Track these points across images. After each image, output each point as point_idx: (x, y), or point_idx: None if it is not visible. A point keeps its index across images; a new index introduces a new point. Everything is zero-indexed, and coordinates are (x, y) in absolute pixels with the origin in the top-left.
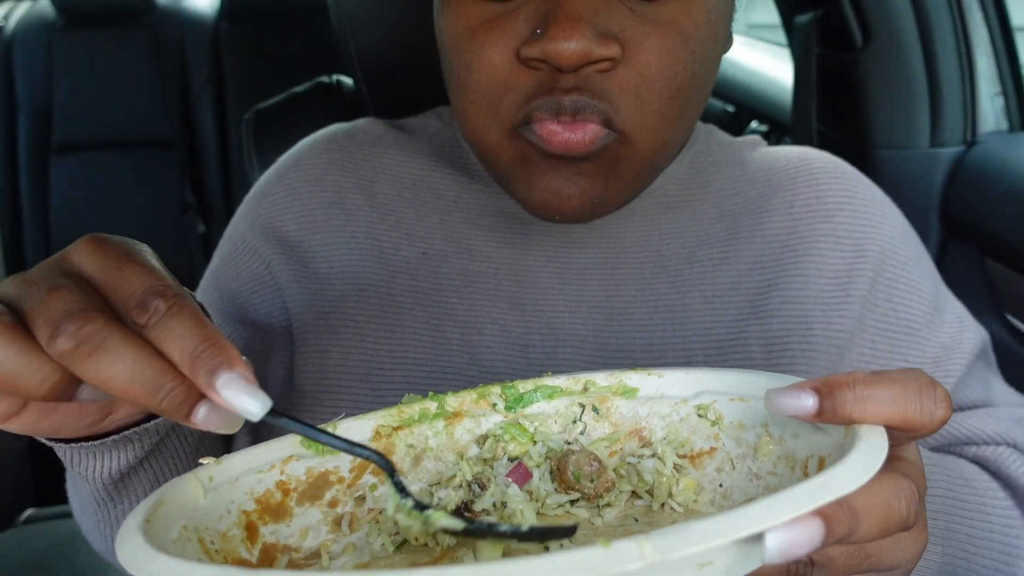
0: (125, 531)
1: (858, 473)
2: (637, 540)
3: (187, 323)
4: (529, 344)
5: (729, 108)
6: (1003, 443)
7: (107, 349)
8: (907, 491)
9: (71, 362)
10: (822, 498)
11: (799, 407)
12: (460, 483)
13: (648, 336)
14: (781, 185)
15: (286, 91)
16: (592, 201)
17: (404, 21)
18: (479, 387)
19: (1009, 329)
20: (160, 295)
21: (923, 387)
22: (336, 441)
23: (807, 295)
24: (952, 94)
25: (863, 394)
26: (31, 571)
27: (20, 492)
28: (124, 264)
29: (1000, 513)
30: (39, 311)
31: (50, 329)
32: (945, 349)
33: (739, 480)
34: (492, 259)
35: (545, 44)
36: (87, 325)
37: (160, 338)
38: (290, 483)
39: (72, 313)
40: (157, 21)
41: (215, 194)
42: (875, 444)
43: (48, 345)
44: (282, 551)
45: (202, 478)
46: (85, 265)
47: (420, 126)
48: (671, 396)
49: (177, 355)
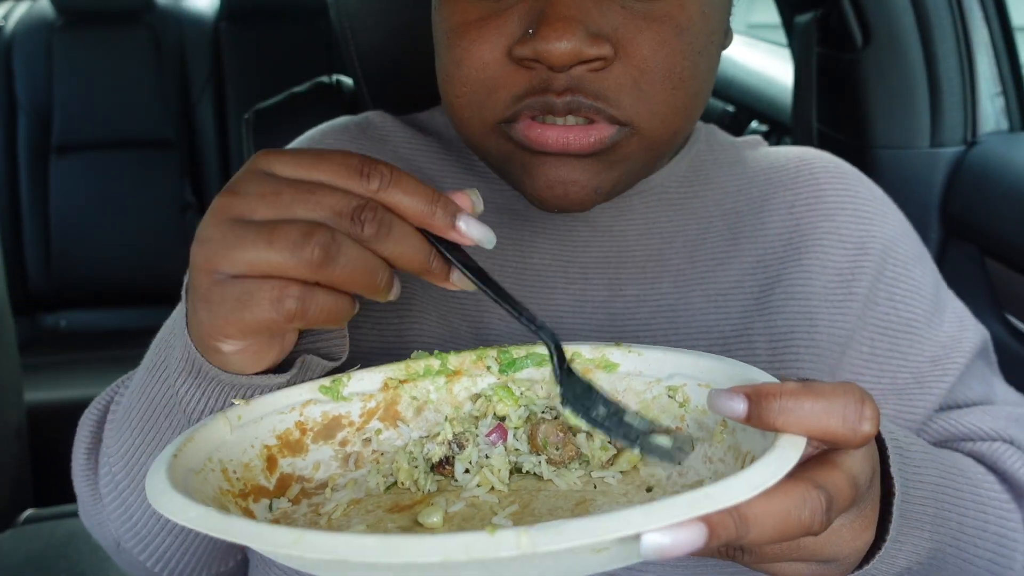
0: (155, 464)
1: (747, 487)
2: (517, 531)
3: (411, 184)
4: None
5: (729, 108)
6: (999, 439)
7: (394, 226)
8: (813, 502)
9: (376, 243)
10: (706, 508)
11: (731, 410)
12: (443, 440)
13: (651, 335)
14: (782, 184)
15: (286, 91)
16: (595, 191)
17: (404, 21)
18: (478, 349)
19: (1009, 329)
20: (375, 161)
21: (850, 403)
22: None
23: (811, 292)
24: (952, 94)
25: (787, 406)
26: (31, 571)
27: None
28: (320, 153)
29: (996, 504)
30: (323, 211)
31: (349, 222)
32: (945, 348)
33: (694, 461)
34: (496, 256)
35: (537, 44)
36: (376, 210)
37: (396, 200)
38: (307, 423)
39: (359, 204)
40: (157, 21)
41: (215, 194)
42: (783, 456)
43: (353, 233)
44: (296, 480)
45: (231, 417)
46: (283, 170)
47: (428, 122)
48: (647, 375)
49: (419, 209)
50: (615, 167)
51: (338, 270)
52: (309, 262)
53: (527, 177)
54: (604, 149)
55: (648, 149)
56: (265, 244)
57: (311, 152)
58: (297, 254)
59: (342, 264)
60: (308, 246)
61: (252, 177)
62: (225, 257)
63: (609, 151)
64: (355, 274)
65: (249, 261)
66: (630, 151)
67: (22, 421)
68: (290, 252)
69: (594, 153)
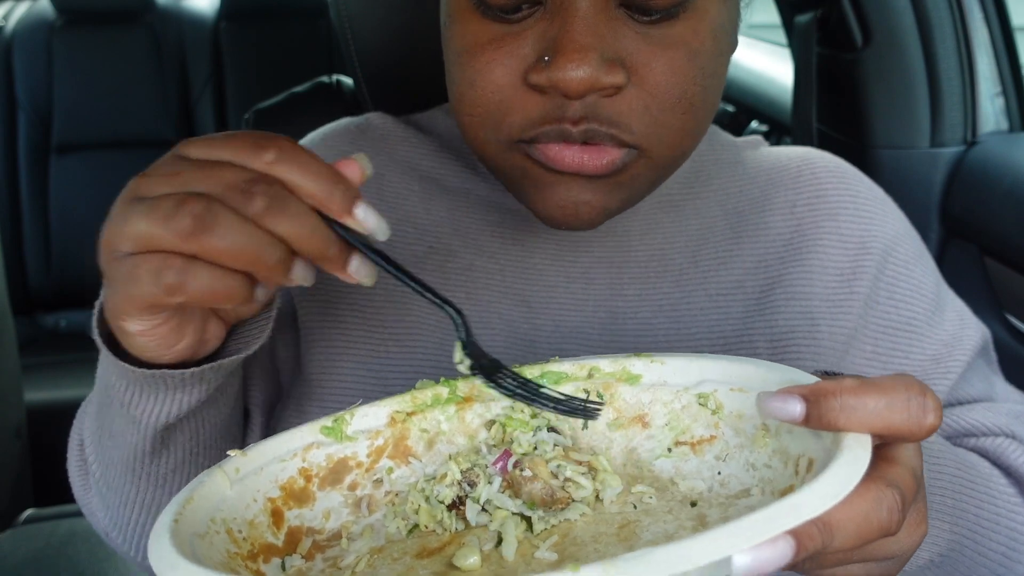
0: (156, 532)
1: (831, 493)
2: (604, 566)
3: (310, 162)
4: (536, 340)
5: (729, 108)
6: (1002, 435)
7: (288, 203)
8: (889, 501)
9: (266, 219)
10: (793, 521)
11: (786, 413)
12: (451, 481)
13: (653, 334)
14: (783, 184)
15: (286, 91)
16: (604, 212)
17: (404, 22)
18: None
19: (1009, 329)
20: (271, 140)
21: (912, 396)
22: (414, 284)
23: (812, 292)
24: (952, 94)
25: (849, 403)
26: (31, 571)
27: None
28: (227, 134)
29: (1005, 499)
30: (215, 184)
31: (240, 195)
32: (946, 346)
33: (736, 469)
34: (498, 255)
35: (553, 73)
36: (271, 185)
37: (291, 177)
38: (312, 469)
39: (252, 177)
40: (157, 21)
41: None
42: (856, 457)
43: (244, 207)
44: (306, 533)
45: (228, 470)
46: (193, 152)
47: (429, 122)
48: (673, 384)
49: (315, 189)
50: (623, 188)
51: (215, 241)
52: (179, 231)
53: (540, 195)
54: (615, 171)
55: (655, 170)
56: (144, 217)
57: (220, 135)
58: (168, 224)
59: (219, 235)
60: (180, 215)
61: (165, 160)
62: (117, 234)
63: (619, 172)
64: (236, 248)
65: (133, 236)
66: (638, 172)
67: (22, 421)
68: (162, 223)
69: (606, 175)
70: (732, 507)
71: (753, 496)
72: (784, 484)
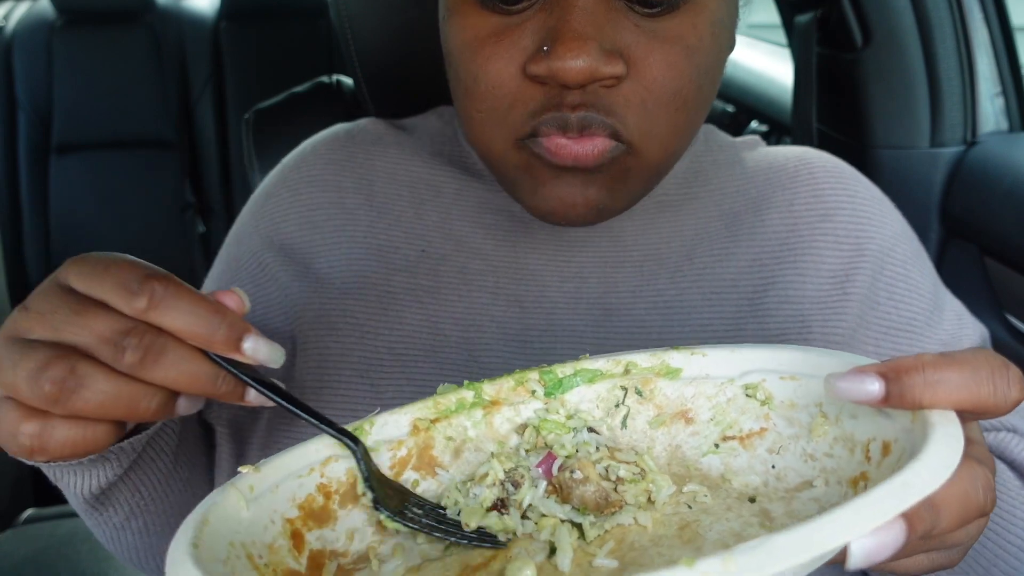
0: (176, 557)
1: (940, 469)
2: (722, 559)
3: (187, 302)
4: (528, 340)
5: (729, 108)
6: (1003, 429)
7: (165, 351)
8: (983, 478)
9: (141, 372)
10: (907, 500)
11: (864, 393)
12: (493, 481)
13: (646, 332)
14: (781, 184)
15: (286, 91)
16: (598, 208)
17: (404, 22)
18: (516, 372)
19: (1009, 329)
20: (151, 276)
21: (996, 368)
22: (310, 418)
23: (805, 294)
24: (952, 94)
25: (933, 378)
26: (31, 571)
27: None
28: (107, 265)
29: (1016, 492)
30: (87, 335)
31: (112, 349)
32: (946, 346)
33: (793, 461)
34: (491, 257)
35: (552, 62)
36: (144, 335)
37: (167, 321)
38: (331, 485)
39: (124, 328)
40: (157, 21)
41: (215, 194)
42: (950, 433)
43: (115, 361)
44: (329, 556)
45: (242, 489)
46: (75, 282)
47: (421, 125)
48: (716, 376)
49: (196, 331)
50: (616, 184)
51: (80, 404)
52: (42, 397)
53: (538, 191)
54: (605, 163)
55: (645, 167)
56: (12, 369)
57: (102, 262)
58: (32, 387)
59: (85, 398)
60: (41, 380)
61: (47, 291)
62: None
63: (610, 167)
64: (105, 406)
65: (2, 382)
66: (628, 168)
67: None
68: (26, 384)
69: (598, 167)
70: (795, 500)
71: (817, 488)
72: (853, 472)
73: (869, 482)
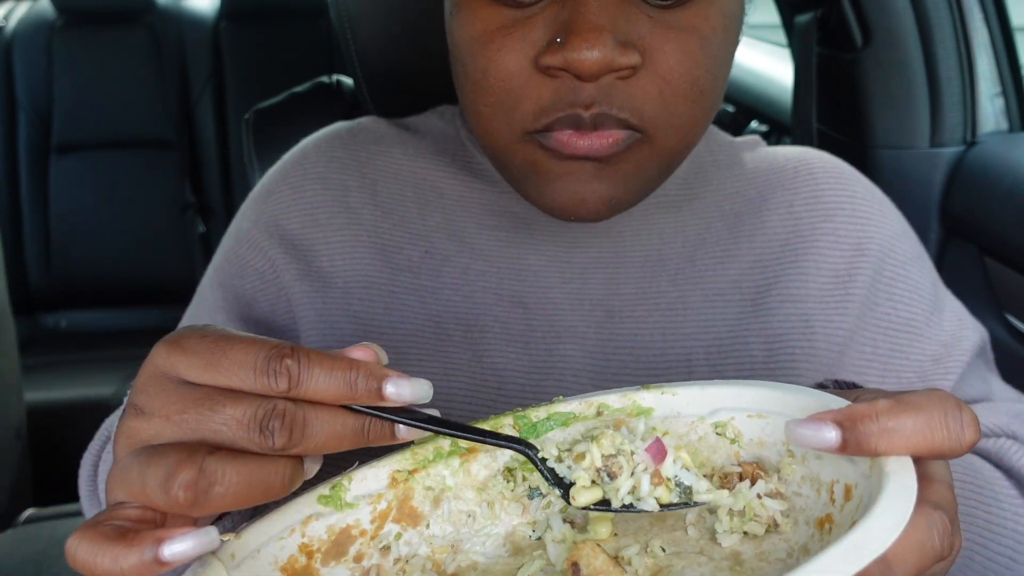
0: None
1: (892, 526)
2: None
3: (323, 366)
4: (531, 340)
5: (729, 108)
6: (1003, 435)
7: (310, 422)
8: (939, 525)
9: (291, 449)
10: (857, 563)
11: (821, 440)
12: (589, 465)
13: (649, 333)
14: (781, 184)
15: (286, 91)
16: (608, 202)
17: (405, 22)
18: (490, 419)
19: (1009, 329)
20: (280, 354)
21: (949, 411)
22: (470, 435)
23: (807, 294)
24: (952, 94)
25: (888, 426)
26: (31, 571)
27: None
28: (222, 349)
29: (1010, 502)
30: (229, 430)
31: (259, 436)
32: (946, 347)
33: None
34: (494, 258)
35: (567, 53)
36: (285, 414)
37: (310, 394)
38: (313, 544)
39: (265, 413)
40: (157, 21)
41: (215, 194)
42: (904, 483)
43: (263, 447)
44: None
45: (224, 558)
46: (182, 371)
47: (423, 125)
48: (687, 415)
49: (338, 393)
50: (629, 177)
51: (216, 502)
52: (177, 505)
53: (548, 186)
54: (618, 152)
55: (659, 158)
56: (139, 480)
57: (209, 348)
58: (166, 497)
59: (220, 494)
60: (174, 489)
61: (157, 388)
62: (118, 484)
63: (622, 156)
64: (240, 496)
65: (130, 492)
66: (642, 158)
67: (22, 421)
68: (159, 495)
69: (610, 157)
70: (765, 541)
71: (784, 529)
72: (820, 513)
73: (834, 525)
